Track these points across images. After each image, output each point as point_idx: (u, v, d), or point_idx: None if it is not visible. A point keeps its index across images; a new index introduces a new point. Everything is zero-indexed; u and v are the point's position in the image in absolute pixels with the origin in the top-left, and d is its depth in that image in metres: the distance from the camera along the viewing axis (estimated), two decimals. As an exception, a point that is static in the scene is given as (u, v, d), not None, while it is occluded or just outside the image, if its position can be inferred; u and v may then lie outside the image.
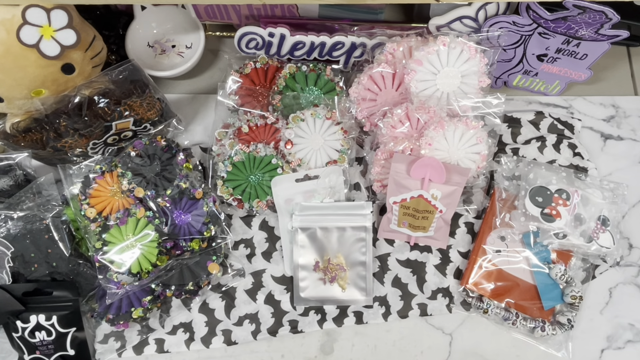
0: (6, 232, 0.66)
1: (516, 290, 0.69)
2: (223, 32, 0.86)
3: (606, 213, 0.71)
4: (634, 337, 0.70)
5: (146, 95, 0.68)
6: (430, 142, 0.69)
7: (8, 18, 0.57)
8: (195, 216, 0.69)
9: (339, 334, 0.70)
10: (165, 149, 0.70)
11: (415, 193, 0.69)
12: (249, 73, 0.77)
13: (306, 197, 0.73)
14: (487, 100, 0.72)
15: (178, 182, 0.68)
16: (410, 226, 0.71)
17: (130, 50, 0.78)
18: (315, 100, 0.76)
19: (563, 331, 0.67)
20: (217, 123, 0.78)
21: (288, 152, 0.72)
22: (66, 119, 0.65)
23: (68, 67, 0.64)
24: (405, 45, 0.73)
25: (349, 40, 0.76)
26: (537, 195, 0.70)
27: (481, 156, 0.71)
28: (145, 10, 0.79)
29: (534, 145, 0.78)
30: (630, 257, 0.74)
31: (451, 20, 0.73)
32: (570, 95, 0.83)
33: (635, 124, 0.81)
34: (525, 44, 0.75)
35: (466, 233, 0.75)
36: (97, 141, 0.69)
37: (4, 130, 0.68)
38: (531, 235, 0.71)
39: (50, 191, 0.69)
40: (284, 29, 0.75)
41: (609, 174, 0.78)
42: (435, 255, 0.73)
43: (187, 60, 0.79)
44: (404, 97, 0.74)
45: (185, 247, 0.68)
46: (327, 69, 0.77)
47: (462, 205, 0.75)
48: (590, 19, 0.66)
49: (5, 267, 0.65)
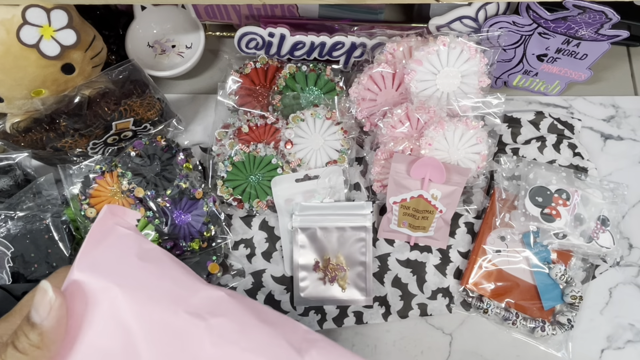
0: (6, 232, 0.66)
1: (516, 290, 0.69)
2: (223, 32, 0.86)
3: (606, 213, 0.71)
4: (634, 337, 0.70)
5: (146, 95, 0.68)
6: (430, 142, 0.69)
7: (8, 18, 0.57)
8: (195, 216, 0.69)
9: (339, 334, 0.70)
10: (165, 149, 0.70)
11: (415, 193, 0.69)
12: (249, 73, 0.77)
13: (306, 197, 0.73)
14: (487, 100, 0.72)
15: (178, 182, 0.68)
16: (410, 226, 0.71)
17: (130, 50, 0.78)
18: (315, 100, 0.76)
19: (563, 331, 0.67)
20: (217, 123, 0.78)
21: (288, 152, 0.72)
22: (66, 119, 0.65)
23: (68, 67, 0.64)
24: (405, 45, 0.73)
25: (349, 40, 0.76)
26: (537, 195, 0.70)
27: (481, 156, 0.71)
28: (145, 10, 0.79)
29: (534, 145, 0.78)
30: (630, 257, 0.74)
31: (451, 20, 0.73)
32: (570, 95, 0.83)
33: (635, 124, 0.81)
34: (525, 44, 0.75)
35: (466, 233, 0.75)
36: (97, 141, 0.69)
37: (4, 130, 0.68)
38: (531, 235, 0.71)
39: (50, 191, 0.69)
40: (284, 29, 0.75)
41: (609, 174, 0.78)
42: (435, 255, 0.73)
43: (187, 60, 0.79)
44: (404, 97, 0.74)
45: (185, 247, 0.68)
46: (327, 69, 0.77)
47: (462, 205, 0.75)
48: (590, 19, 0.66)
49: (5, 267, 0.65)
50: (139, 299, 0.33)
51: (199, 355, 0.32)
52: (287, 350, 0.34)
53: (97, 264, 0.35)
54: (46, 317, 0.30)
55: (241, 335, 0.34)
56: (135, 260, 0.36)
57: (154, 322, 0.33)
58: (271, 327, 0.35)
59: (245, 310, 0.36)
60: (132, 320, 0.33)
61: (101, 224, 0.37)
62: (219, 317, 0.34)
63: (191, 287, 0.36)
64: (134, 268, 0.35)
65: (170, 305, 0.34)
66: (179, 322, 0.33)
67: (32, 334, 0.30)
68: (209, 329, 0.33)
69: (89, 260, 0.35)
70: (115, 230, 0.38)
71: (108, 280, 0.34)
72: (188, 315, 0.33)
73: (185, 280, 0.36)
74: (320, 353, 0.35)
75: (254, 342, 0.34)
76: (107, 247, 0.36)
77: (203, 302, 0.35)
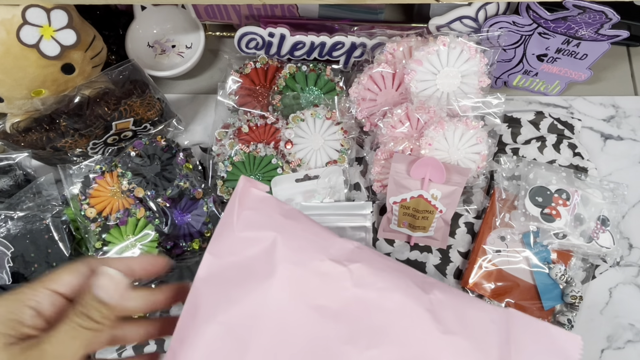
0: (6, 232, 0.66)
1: (516, 290, 0.69)
2: (223, 32, 0.86)
3: (606, 213, 0.71)
4: (634, 337, 0.70)
5: (146, 95, 0.68)
6: (430, 142, 0.69)
7: (8, 18, 0.57)
8: (195, 216, 0.69)
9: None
10: (165, 149, 0.70)
11: (415, 193, 0.69)
12: (249, 73, 0.77)
13: (306, 197, 0.73)
14: (487, 100, 0.72)
15: (178, 182, 0.68)
16: (410, 226, 0.71)
17: (130, 50, 0.78)
18: (315, 100, 0.76)
19: (563, 331, 0.67)
20: (217, 123, 0.78)
21: (288, 152, 0.72)
22: (66, 119, 0.65)
23: (68, 67, 0.64)
24: (405, 45, 0.73)
25: (349, 40, 0.76)
26: (537, 195, 0.70)
27: (481, 156, 0.71)
28: (145, 10, 0.79)
29: (534, 145, 0.78)
30: (630, 257, 0.74)
31: (451, 20, 0.73)
32: (570, 95, 0.83)
33: (635, 124, 0.81)
34: (525, 44, 0.75)
35: (466, 233, 0.74)
36: (97, 141, 0.69)
37: (4, 130, 0.68)
38: (531, 235, 0.71)
39: (50, 191, 0.69)
40: (284, 29, 0.75)
41: (609, 174, 0.78)
42: (435, 255, 0.73)
43: (187, 60, 0.79)
44: (404, 97, 0.74)
45: (185, 247, 0.68)
46: (327, 69, 0.77)
47: (462, 205, 0.75)
48: (590, 19, 0.66)
49: (5, 267, 0.65)
50: (292, 246, 0.39)
51: (344, 294, 0.38)
52: (414, 288, 0.40)
53: (252, 222, 0.41)
54: (113, 294, 0.34)
55: (376, 278, 0.39)
56: (281, 218, 0.42)
57: (305, 268, 0.39)
58: (398, 272, 0.41)
59: (375, 258, 0.42)
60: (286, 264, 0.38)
61: (244, 191, 0.43)
62: (356, 263, 0.40)
63: (328, 239, 0.42)
64: (282, 224, 0.41)
65: (316, 254, 0.40)
66: (324, 268, 0.39)
67: (102, 308, 0.33)
68: (349, 272, 0.39)
69: (244, 220, 0.41)
70: (256, 195, 0.43)
71: (267, 230, 0.40)
72: (331, 262, 0.39)
73: (322, 234, 0.42)
74: (442, 292, 0.41)
75: (387, 282, 0.39)
76: (254, 209, 0.42)
77: (340, 252, 0.41)
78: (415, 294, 0.39)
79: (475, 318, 0.40)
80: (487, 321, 0.40)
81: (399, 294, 0.39)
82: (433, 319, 0.38)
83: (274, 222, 0.41)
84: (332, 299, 0.38)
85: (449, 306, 0.40)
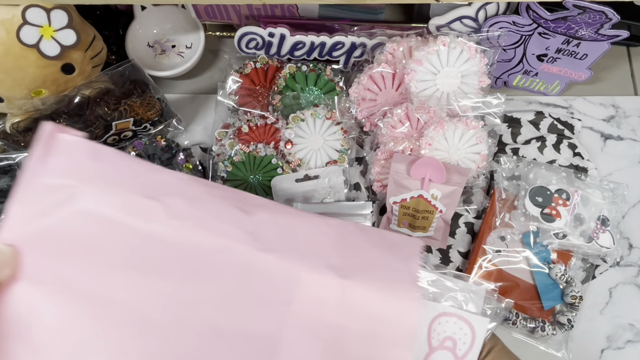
0: (6, 232, 0.66)
1: (516, 290, 0.69)
2: (223, 32, 0.86)
3: (606, 213, 0.71)
4: (634, 337, 0.70)
5: (146, 95, 0.68)
6: (430, 142, 0.69)
7: (8, 18, 0.57)
8: (195, 216, 0.69)
9: (339, 334, 0.70)
10: (165, 149, 0.70)
11: (415, 193, 0.69)
12: (249, 73, 0.77)
13: (306, 197, 0.73)
14: (487, 100, 0.72)
15: (178, 182, 0.68)
16: (410, 226, 0.71)
17: (130, 50, 0.78)
18: (315, 100, 0.76)
19: (563, 331, 0.67)
20: (217, 123, 0.78)
21: (288, 152, 0.72)
22: (66, 119, 0.65)
23: (68, 67, 0.64)
24: (405, 45, 0.73)
25: (349, 40, 0.76)
26: (537, 195, 0.70)
27: (481, 156, 0.71)
28: (145, 10, 0.79)
29: (534, 145, 0.78)
30: (630, 257, 0.74)
31: (451, 20, 0.73)
32: (570, 95, 0.83)
33: (635, 124, 0.81)
34: (525, 44, 0.75)
35: (466, 233, 0.74)
36: (97, 141, 0.69)
37: (4, 130, 0.68)
38: (531, 235, 0.71)
39: (50, 191, 0.69)
40: (284, 29, 0.75)
41: (609, 174, 0.78)
42: (435, 255, 0.73)
43: (187, 60, 0.79)
44: (404, 97, 0.74)
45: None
46: (327, 69, 0.77)
47: (462, 205, 0.75)
48: (590, 19, 0.66)
49: (5, 267, 0.65)
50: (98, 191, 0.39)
51: (159, 229, 0.39)
52: (234, 212, 0.41)
53: (58, 168, 0.40)
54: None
55: (193, 209, 0.40)
56: (90, 161, 0.41)
57: (113, 207, 0.39)
58: (219, 198, 0.42)
59: (196, 189, 0.42)
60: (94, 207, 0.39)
61: (50, 136, 0.41)
62: (173, 197, 0.40)
63: (147, 176, 0.42)
64: (91, 167, 0.41)
65: (128, 194, 0.40)
66: (135, 204, 0.39)
67: None
68: (164, 206, 0.39)
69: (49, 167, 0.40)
70: (65, 139, 0.42)
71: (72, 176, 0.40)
72: (144, 198, 0.39)
73: (140, 172, 0.42)
74: (269, 212, 0.42)
75: (204, 212, 0.40)
76: (61, 155, 0.41)
77: (157, 187, 0.41)
78: (234, 218, 0.40)
79: (303, 234, 0.41)
80: (317, 234, 0.41)
81: (216, 220, 0.40)
82: (252, 239, 0.40)
83: (83, 166, 0.41)
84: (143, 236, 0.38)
85: (273, 226, 0.41)
